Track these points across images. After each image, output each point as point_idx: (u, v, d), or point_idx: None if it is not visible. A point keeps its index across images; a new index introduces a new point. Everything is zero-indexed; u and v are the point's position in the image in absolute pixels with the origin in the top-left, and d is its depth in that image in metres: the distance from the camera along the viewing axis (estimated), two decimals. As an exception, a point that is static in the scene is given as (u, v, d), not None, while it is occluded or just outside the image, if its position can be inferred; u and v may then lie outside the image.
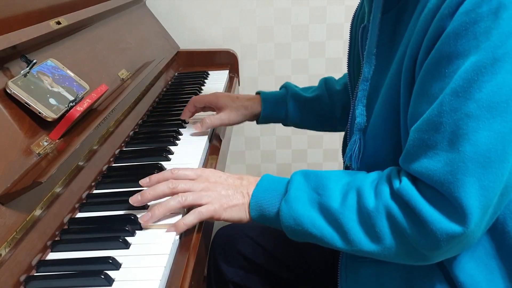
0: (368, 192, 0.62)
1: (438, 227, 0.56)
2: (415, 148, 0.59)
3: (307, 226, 0.65)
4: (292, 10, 1.66)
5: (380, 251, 0.62)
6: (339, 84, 1.06)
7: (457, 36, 0.55)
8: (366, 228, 0.62)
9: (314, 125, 1.08)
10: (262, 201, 0.69)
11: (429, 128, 0.57)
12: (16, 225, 0.62)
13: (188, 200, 0.69)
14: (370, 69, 0.71)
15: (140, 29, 1.37)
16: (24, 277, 0.60)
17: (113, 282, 0.59)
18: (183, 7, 1.66)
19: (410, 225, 0.59)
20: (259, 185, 0.70)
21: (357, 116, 0.73)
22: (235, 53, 1.58)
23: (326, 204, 0.64)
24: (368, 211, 0.61)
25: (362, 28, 0.75)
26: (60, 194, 0.73)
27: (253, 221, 0.70)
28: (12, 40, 0.74)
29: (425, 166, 0.57)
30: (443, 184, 0.56)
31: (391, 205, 0.60)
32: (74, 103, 0.80)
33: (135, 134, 1.03)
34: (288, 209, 0.66)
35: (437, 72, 0.57)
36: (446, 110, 0.56)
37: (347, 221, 0.62)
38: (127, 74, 1.11)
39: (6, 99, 0.71)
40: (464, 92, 0.54)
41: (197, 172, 0.73)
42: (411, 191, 0.59)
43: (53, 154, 0.72)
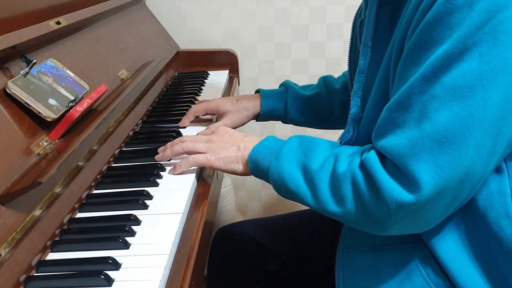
0: (343, 159, 0.67)
1: (390, 194, 0.60)
2: (385, 126, 0.63)
3: (287, 182, 0.70)
4: (292, 10, 1.66)
5: (341, 213, 0.66)
6: (338, 82, 1.07)
7: (434, 24, 0.58)
8: (333, 190, 0.67)
9: (313, 122, 1.10)
10: (259, 155, 0.75)
11: (399, 108, 0.61)
12: (16, 225, 0.62)
13: (189, 146, 0.81)
14: (365, 61, 0.74)
15: (140, 29, 1.37)
16: (24, 277, 0.60)
17: (113, 282, 0.59)
18: (183, 7, 1.66)
19: (369, 192, 0.63)
20: (261, 142, 0.77)
21: (352, 106, 0.77)
22: (235, 53, 1.58)
23: (307, 165, 0.69)
24: (338, 175, 0.66)
25: (360, 22, 0.79)
26: (60, 194, 0.73)
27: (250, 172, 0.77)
28: (12, 40, 0.74)
29: (390, 142, 0.61)
30: (400, 157, 0.59)
31: (357, 172, 0.64)
32: (74, 103, 0.80)
33: (135, 134, 1.03)
34: (276, 164, 0.72)
35: (415, 58, 0.60)
36: (415, 92, 0.59)
37: (320, 182, 0.67)
38: (127, 74, 1.11)
39: (6, 99, 0.71)
40: (432, 76, 0.58)
41: (213, 129, 0.86)
42: (374, 162, 0.63)
43: (53, 154, 0.72)
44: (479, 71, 0.56)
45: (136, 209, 0.74)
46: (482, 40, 0.55)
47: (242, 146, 0.78)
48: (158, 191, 0.79)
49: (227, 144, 0.79)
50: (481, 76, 0.56)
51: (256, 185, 1.88)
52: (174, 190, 0.79)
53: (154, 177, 0.82)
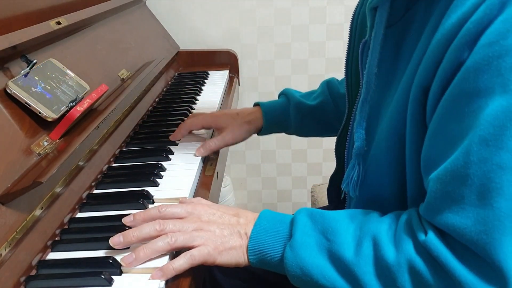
0: (386, 242, 0.56)
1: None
2: (437, 200, 0.53)
3: (317, 277, 0.58)
4: (292, 10, 1.66)
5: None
6: (343, 86, 0.99)
7: (478, 71, 0.48)
8: (384, 283, 0.55)
9: (318, 133, 1.03)
10: (263, 245, 0.61)
11: (454, 180, 0.50)
12: (16, 225, 0.62)
13: (179, 242, 0.61)
14: (369, 89, 0.65)
15: (140, 29, 1.37)
16: (24, 277, 0.60)
17: (113, 282, 0.59)
18: (183, 7, 1.66)
19: (439, 282, 0.52)
20: (258, 225, 0.63)
21: (356, 140, 0.67)
22: (235, 53, 1.58)
23: (337, 253, 0.57)
24: (388, 265, 0.54)
25: (363, 43, 0.68)
26: (61, 194, 0.73)
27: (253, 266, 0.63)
28: (12, 40, 0.74)
29: (451, 222, 0.51)
30: (477, 244, 0.49)
31: (415, 259, 0.53)
32: (74, 103, 0.80)
33: (135, 134, 1.03)
34: (294, 256, 0.59)
35: (455, 112, 0.51)
36: (474, 160, 0.49)
37: (363, 274, 0.56)
38: (127, 74, 1.11)
39: (6, 99, 0.71)
40: (495, 140, 0.48)
41: (188, 210, 0.66)
42: (440, 247, 0.52)
43: (53, 154, 0.72)
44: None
45: (137, 209, 0.74)
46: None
47: (243, 231, 0.64)
48: (158, 191, 0.79)
49: (223, 230, 0.63)
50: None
51: (256, 185, 1.89)
52: (174, 190, 0.79)
53: (155, 177, 0.82)
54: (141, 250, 0.61)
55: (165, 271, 0.60)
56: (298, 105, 0.98)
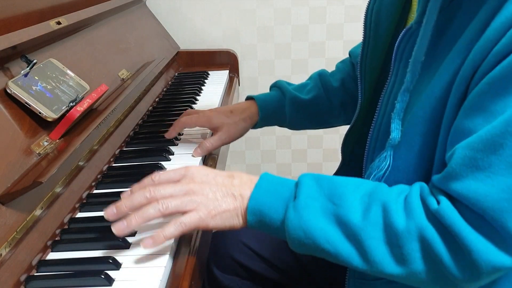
0: (396, 209, 0.55)
1: (485, 258, 0.50)
2: (462, 167, 0.52)
3: (320, 241, 0.57)
4: (292, 10, 1.66)
5: (404, 275, 0.55)
6: (335, 80, 0.99)
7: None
8: (392, 249, 0.55)
9: (312, 125, 1.04)
10: (264, 206, 0.60)
11: (485, 148, 0.50)
12: (16, 224, 0.62)
13: (170, 208, 0.60)
14: (414, 78, 0.62)
15: (140, 29, 1.37)
16: (24, 277, 0.60)
17: (113, 282, 0.59)
18: (183, 7, 1.66)
19: (449, 252, 0.52)
20: (259, 185, 0.61)
21: (393, 130, 0.63)
22: (235, 53, 1.58)
23: (344, 217, 0.56)
24: (397, 231, 0.54)
25: (406, 30, 0.65)
26: (61, 194, 0.73)
27: (249, 227, 0.62)
28: (12, 40, 0.74)
29: (473, 189, 0.51)
30: (495, 211, 0.49)
31: (426, 227, 0.53)
32: (74, 103, 0.80)
33: (135, 134, 1.03)
34: (297, 218, 0.57)
35: (503, 88, 0.50)
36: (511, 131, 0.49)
37: (370, 239, 0.55)
38: (127, 74, 1.11)
39: (7, 99, 0.71)
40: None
41: (181, 172, 0.65)
42: (453, 214, 0.52)
43: (53, 154, 0.72)
44: None
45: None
46: None
47: (238, 193, 0.62)
48: (158, 191, 0.79)
49: (216, 193, 0.62)
50: None
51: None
52: (174, 190, 0.79)
53: (154, 177, 0.82)
54: (133, 217, 0.61)
55: (156, 239, 0.60)
56: (293, 99, 0.97)
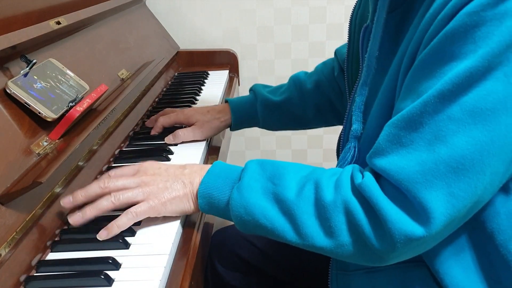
0: (326, 185, 0.59)
1: (398, 227, 0.53)
2: (387, 143, 0.56)
3: (258, 217, 0.61)
4: (292, 10, 1.66)
5: (333, 247, 0.59)
6: (310, 82, 1.02)
7: (455, 37, 0.52)
8: (320, 222, 0.59)
9: (287, 126, 1.06)
10: (212, 188, 0.64)
11: (407, 126, 0.54)
12: (16, 225, 0.62)
13: (122, 199, 0.65)
14: (370, 72, 0.67)
15: (140, 29, 1.37)
16: (24, 277, 0.60)
17: (113, 282, 0.59)
18: (183, 7, 1.66)
19: (369, 222, 0.56)
20: (210, 171, 0.66)
21: (353, 122, 0.69)
22: (235, 53, 1.58)
23: (280, 195, 0.60)
24: (325, 204, 0.58)
25: (364, 28, 0.72)
26: (60, 194, 0.73)
27: (201, 211, 0.66)
28: (12, 40, 0.74)
29: (394, 163, 0.55)
30: (409, 182, 0.53)
31: (350, 200, 0.57)
32: (74, 103, 0.80)
33: (135, 134, 1.03)
34: (239, 197, 0.62)
35: (428, 70, 0.54)
36: (429, 110, 0.53)
37: (301, 213, 0.59)
38: (127, 74, 1.11)
39: (6, 99, 0.71)
40: (451, 95, 0.52)
41: (135, 168, 0.70)
42: (373, 188, 0.56)
43: (53, 154, 0.72)
44: (504, 94, 0.50)
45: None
46: (510, 59, 0.50)
47: (188, 180, 0.66)
48: (158, 191, 0.79)
49: (167, 182, 0.66)
50: (506, 99, 0.50)
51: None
52: (174, 190, 0.79)
53: (154, 177, 0.82)
54: (88, 209, 0.66)
55: (110, 229, 0.64)
56: (264, 101, 1.02)
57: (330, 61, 1.06)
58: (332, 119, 1.04)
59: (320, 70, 1.04)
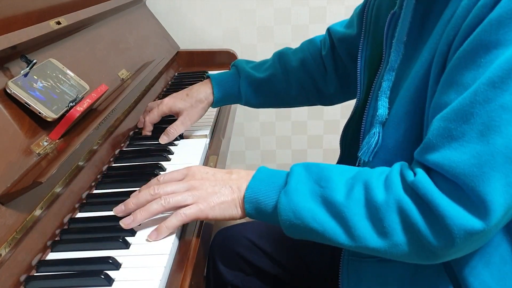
0: (376, 185, 0.58)
1: (457, 222, 0.52)
2: (438, 137, 0.55)
3: (308, 220, 0.61)
4: (292, 10, 1.66)
5: (387, 248, 0.58)
6: (295, 59, 1.01)
7: (500, 24, 0.51)
8: (373, 223, 0.58)
9: (269, 104, 1.06)
10: (259, 193, 0.65)
11: (458, 118, 0.53)
12: (16, 225, 0.62)
13: (171, 202, 0.66)
14: (397, 57, 0.67)
15: (140, 29, 1.37)
16: (24, 277, 0.60)
17: (113, 282, 0.59)
18: (183, 7, 1.66)
19: (425, 220, 0.55)
20: (256, 177, 0.67)
21: (379, 107, 0.68)
22: (235, 53, 1.58)
23: (329, 197, 0.60)
24: (377, 205, 0.57)
25: (391, 14, 0.70)
26: (60, 194, 0.73)
27: (247, 216, 0.67)
28: (12, 40, 0.74)
29: (447, 158, 0.53)
30: (466, 176, 0.52)
31: (403, 198, 0.56)
32: (74, 103, 0.80)
33: (135, 134, 1.03)
34: (287, 201, 0.62)
35: (471, 61, 0.53)
36: (479, 100, 0.51)
37: (353, 215, 0.58)
38: (127, 74, 1.11)
39: (6, 99, 0.71)
40: (501, 82, 0.51)
41: (183, 172, 0.71)
42: (427, 184, 0.55)
43: (53, 154, 0.72)
44: None
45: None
46: None
47: (235, 186, 0.67)
48: (158, 191, 0.79)
49: (215, 187, 0.67)
50: None
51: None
52: (174, 190, 0.79)
53: (154, 177, 0.82)
54: (138, 212, 0.67)
55: (159, 230, 0.66)
56: (248, 78, 1.01)
57: (317, 38, 1.05)
58: (314, 99, 1.04)
59: (306, 48, 1.03)
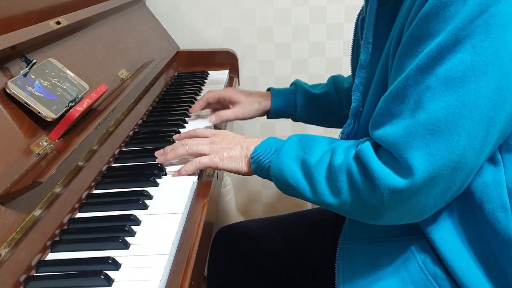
0: (339, 153, 0.69)
1: (382, 181, 0.62)
2: (381, 116, 0.65)
3: (287, 177, 0.73)
4: (292, 10, 1.66)
5: (338, 204, 0.68)
6: (347, 82, 1.09)
7: (429, 18, 0.59)
8: (330, 182, 0.69)
9: (321, 120, 1.13)
10: (260, 154, 0.77)
11: (395, 99, 0.63)
12: (15, 225, 0.62)
13: (193, 149, 0.83)
14: (366, 57, 0.76)
15: (140, 29, 1.37)
16: (23, 277, 0.60)
17: (113, 282, 0.59)
18: (183, 7, 1.66)
19: (363, 181, 0.65)
20: (263, 142, 0.79)
21: (353, 101, 0.79)
22: (235, 53, 1.58)
23: (306, 160, 0.71)
24: (334, 167, 0.68)
25: (361, 19, 0.81)
26: (60, 194, 0.72)
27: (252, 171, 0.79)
28: (12, 40, 0.74)
29: (385, 132, 0.63)
30: (395, 145, 0.61)
31: (351, 163, 0.67)
32: (74, 103, 0.80)
33: (135, 134, 1.03)
34: (277, 161, 0.74)
35: (410, 50, 0.62)
36: (411, 83, 0.61)
37: (317, 175, 0.69)
38: (127, 74, 1.11)
39: (6, 99, 0.71)
40: (427, 67, 0.59)
41: (214, 131, 0.87)
42: (368, 152, 0.65)
43: (52, 154, 0.72)
44: (471, 62, 0.57)
45: (136, 209, 0.74)
46: (475, 32, 0.57)
47: (245, 146, 0.81)
48: (158, 191, 0.79)
49: (230, 144, 0.82)
50: (474, 67, 0.57)
51: (257, 185, 1.88)
52: (174, 190, 0.79)
53: (154, 177, 0.82)
54: (169, 153, 0.85)
55: (180, 172, 0.83)
56: (304, 92, 1.10)
57: None
58: None
59: None
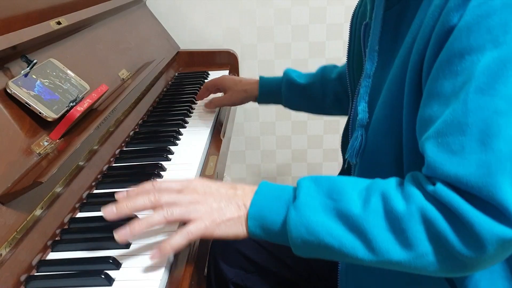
0: (394, 195, 0.55)
1: (487, 229, 0.50)
2: (438, 155, 0.53)
3: (323, 235, 0.56)
4: (292, 10, 1.66)
5: (411, 259, 0.55)
6: (335, 72, 1.09)
7: (469, 30, 0.52)
8: (395, 234, 0.54)
9: (305, 109, 1.16)
10: (264, 210, 0.60)
11: (453, 131, 0.52)
12: (16, 225, 0.62)
13: (175, 215, 0.60)
14: (372, 66, 0.69)
15: (140, 29, 1.37)
16: (24, 276, 0.60)
17: (114, 282, 0.59)
18: (183, 7, 1.66)
19: (452, 228, 0.52)
20: (259, 192, 0.62)
21: (359, 112, 0.71)
22: (235, 53, 1.58)
23: (344, 210, 0.56)
24: (398, 215, 0.54)
25: (364, 25, 0.74)
26: (61, 194, 0.73)
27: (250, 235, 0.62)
28: (12, 40, 0.75)
29: (454, 174, 0.52)
30: (481, 188, 0.50)
31: (427, 207, 0.53)
32: (75, 103, 0.80)
33: (136, 134, 1.03)
34: (298, 216, 0.57)
35: (448, 70, 0.54)
36: (471, 109, 0.51)
37: (372, 227, 0.55)
38: (128, 74, 1.11)
39: (7, 99, 0.71)
40: (489, 88, 0.51)
41: (183, 183, 0.64)
42: (450, 193, 0.52)
43: (53, 154, 0.72)
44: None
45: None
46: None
47: (241, 203, 0.62)
48: (158, 191, 0.79)
49: (220, 203, 0.62)
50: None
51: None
52: (174, 190, 0.79)
53: (155, 177, 0.82)
54: (136, 223, 0.60)
55: (163, 250, 0.60)
56: (289, 82, 1.12)
57: None
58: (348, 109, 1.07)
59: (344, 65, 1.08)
